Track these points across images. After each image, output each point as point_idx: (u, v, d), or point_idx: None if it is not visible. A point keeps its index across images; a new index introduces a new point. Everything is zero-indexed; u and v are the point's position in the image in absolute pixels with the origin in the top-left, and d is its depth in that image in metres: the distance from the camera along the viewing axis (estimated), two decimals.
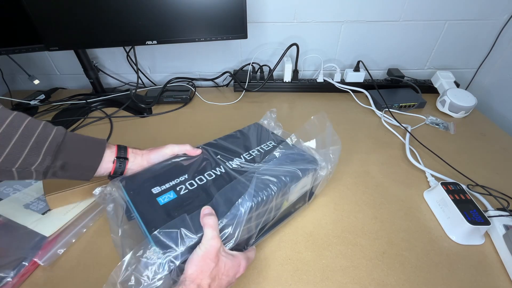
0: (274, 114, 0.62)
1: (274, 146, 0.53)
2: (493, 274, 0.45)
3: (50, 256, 0.46)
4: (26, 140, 0.36)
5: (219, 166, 0.47)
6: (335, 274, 0.44)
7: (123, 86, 0.99)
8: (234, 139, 0.55)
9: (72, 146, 0.40)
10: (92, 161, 0.41)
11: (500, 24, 0.86)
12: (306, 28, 0.88)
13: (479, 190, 0.57)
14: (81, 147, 0.41)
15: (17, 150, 0.35)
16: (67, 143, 0.39)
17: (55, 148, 0.37)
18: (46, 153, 0.37)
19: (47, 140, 0.37)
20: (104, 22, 0.71)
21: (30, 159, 0.36)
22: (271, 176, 0.44)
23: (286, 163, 0.48)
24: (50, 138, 0.37)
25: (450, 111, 0.82)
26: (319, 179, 0.51)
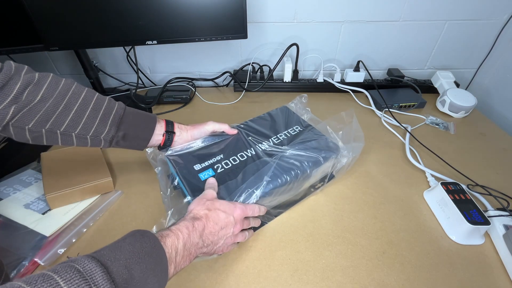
0: (305, 100, 0.66)
1: (300, 130, 0.58)
2: (493, 274, 0.45)
3: (51, 256, 0.45)
4: (96, 112, 0.43)
5: (250, 148, 0.54)
6: (335, 274, 0.44)
7: (123, 86, 0.99)
8: (264, 121, 0.62)
9: (130, 119, 0.47)
10: (146, 133, 0.48)
11: (500, 24, 0.86)
12: (306, 28, 0.88)
13: (479, 190, 0.57)
14: (137, 120, 0.48)
15: (91, 120, 0.43)
16: (126, 116, 0.46)
17: (118, 120, 0.45)
18: (112, 124, 0.44)
19: (112, 113, 0.44)
20: (104, 22, 0.71)
21: (100, 128, 0.43)
22: (295, 161, 0.50)
23: (311, 148, 0.53)
24: (114, 112, 0.45)
25: (450, 111, 0.82)
26: (340, 165, 0.55)
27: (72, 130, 0.42)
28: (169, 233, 0.35)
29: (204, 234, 0.38)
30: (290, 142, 0.55)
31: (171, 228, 0.36)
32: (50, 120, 0.40)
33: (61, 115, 0.41)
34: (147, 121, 0.49)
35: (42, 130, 0.40)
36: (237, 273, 0.45)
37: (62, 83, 0.42)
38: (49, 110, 0.40)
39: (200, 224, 0.38)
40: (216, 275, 0.44)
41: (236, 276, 0.44)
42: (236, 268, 0.45)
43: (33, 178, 0.59)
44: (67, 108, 0.41)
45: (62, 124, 0.41)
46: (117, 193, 0.57)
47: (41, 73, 0.41)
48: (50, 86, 0.40)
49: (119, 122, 0.45)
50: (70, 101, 0.41)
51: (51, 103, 0.40)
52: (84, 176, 0.56)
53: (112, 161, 0.66)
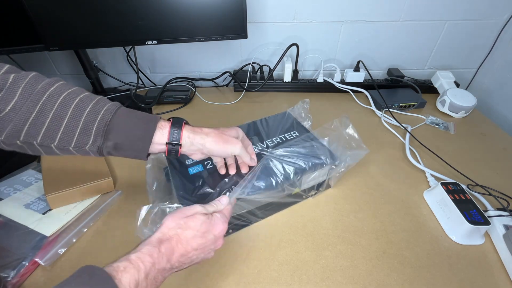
0: (307, 105, 0.64)
1: (297, 136, 0.57)
2: (493, 274, 0.45)
3: (51, 256, 0.45)
4: (76, 119, 0.35)
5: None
6: (335, 274, 0.44)
7: (123, 86, 0.99)
8: (262, 124, 0.61)
9: (121, 126, 0.37)
10: (141, 143, 0.38)
11: (500, 24, 0.86)
12: (306, 28, 0.88)
13: (479, 190, 0.57)
14: (130, 126, 0.38)
15: (70, 129, 0.35)
16: (116, 122, 0.37)
17: (103, 128, 0.36)
18: (96, 134, 0.36)
19: (96, 120, 0.36)
20: (104, 22, 0.71)
21: (83, 138, 0.36)
22: (281, 165, 0.49)
23: (302, 154, 0.51)
24: (99, 118, 0.36)
25: (450, 111, 0.82)
26: (334, 173, 0.54)
27: (49, 141, 0.35)
28: (127, 265, 0.30)
29: (173, 258, 0.34)
30: (283, 146, 0.53)
31: (130, 258, 0.31)
32: (23, 131, 0.34)
33: (34, 124, 0.34)
34: (143, 127, 0.39)
35: (16, 142, 0.34)
36: (237, 273, 0.45)
37: (41, 84, 0.35)
38: (21, 119, 0.33)
39: (168, 247, 0.33)
40: (217, 275, 0.44)
41: (236, 276, 0.44)
42: (236, 268, 0.45)
43: (33, 178, 0.59)
44: (41, 115, 0.34)
45: (37, 135, 0.34)
46: (117, 193, 0.57)
47: (19, 74, 0.35)
48: (25, 89, 0.33)
49: (105, 131, 0.36)
50: (44, 107, 0.34)
51: (23, 110, 0.33)
52: (84, 176, 0.56)
53: (112, 161, 0.66)
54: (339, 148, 0.54)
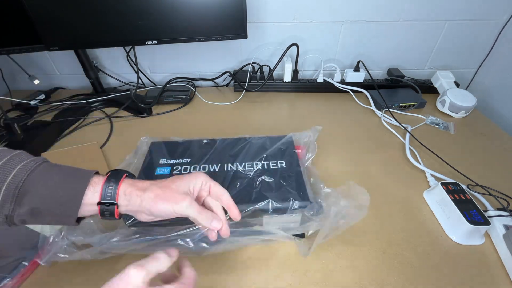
0: (317, 133, 0.59)
1: (282, 168, 0.51)
2: (493, 274, 0.45)
3: (51, 256, 0.45)
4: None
5: (217, 164, 0.52)
6: (335, 274, 0.44)
7: (123, 86, 0.99)
8: (249, 144, 0.57)
9: (39, 187, 0.30)
10: (67, 206, 0.31)
11: (500, 24, 0.86)
12: (306, 28, 0.88)
13: (479, 190, 0.57)
14: (50, 187, 0.31)
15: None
16: (33, 182, 0.30)
17: (13, 191, 0.29)
18: (4, 199, 0.29)
19: (5, 182, 0.29)
20: (104, 22, 0.71)
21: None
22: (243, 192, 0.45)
23: (275, 189, 0.46)
24: (9, 179, 0.29)
25: (450, 111, 0.82)
26: (311, 227, 0.45)
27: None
28: None
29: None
30: (261, 173, 0.49)
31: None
32: None
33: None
34: (70, 187, 0.32)
35: None
36: (237, 273, 0.45)
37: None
38: None
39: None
40: (216, 275, 0.44)
41: (236, 276, 0.44)
42: (236, 268, 0.45)
43: None
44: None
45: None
46: None
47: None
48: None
49: (16, 194, 0.29)
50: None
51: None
52: None
53: (112, 161, 0.66)
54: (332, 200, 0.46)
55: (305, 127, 0.63)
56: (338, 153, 0.68)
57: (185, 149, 0.55)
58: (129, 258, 0.46)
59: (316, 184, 0.53)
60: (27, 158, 0.32)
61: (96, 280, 0.43)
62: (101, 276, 0.44)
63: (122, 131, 0.77)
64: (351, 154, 0.68)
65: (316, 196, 0.50)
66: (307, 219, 0.47)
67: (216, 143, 0.57)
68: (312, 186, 0.52)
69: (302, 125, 0.78)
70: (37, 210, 0.30)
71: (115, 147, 0.71)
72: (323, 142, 0.65)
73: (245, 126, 0.78)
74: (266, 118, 0.82)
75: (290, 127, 0.78)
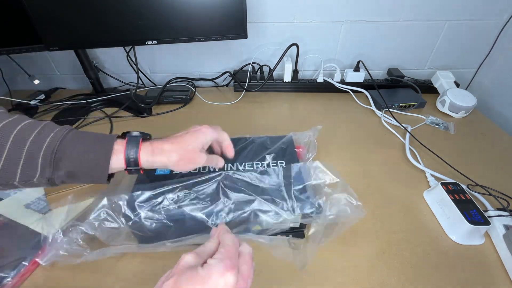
0: (317, 133, 0.59)
1: (281, 167, 0.50)
2: (493, 274, 0.45)
3: (51, 256, 0.45)
4: (18, 152, 0.32)
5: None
6: (335, 274, 0.44)
7: (123, 86, 0.99)
8: (251, 144, 0.56)
9: (71, 153, 0.34)
10: (97, 169, 0.36)
11: (500, 24, 0.86)
12: (306, 28, 0.88)
13: (479, 190, 0.57)
14: (81, 152, 0.35)
15: (11, 164, 0.32)
16: (65, 149, 0.34)
17: (50, 157, 0.33)
18: (43, 165, 0.33)
19: (41, 149, 0.33)
20: (104, 22, 0.71)
21: (28, 172, 0.33)
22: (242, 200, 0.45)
23: (274, 191, 0.46)
24: (44, 147, 0.33)
25: (450, 111, 0.82)
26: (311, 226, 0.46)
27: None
28: None
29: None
30: (260, 173, 0.49)
31: None
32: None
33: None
34: (98, 151, 0.36)
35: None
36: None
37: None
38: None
39: None
40: None
41: None
42: None
43: None
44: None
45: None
46: None
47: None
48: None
49: (53, 160, 0.33)
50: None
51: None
52: None
53: None
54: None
55: (305, 127, 0.63)
56: (338, 153, 0.68)
57: None
58: (129, 258, 0.46)
59: (318, 184, 0.53)
60: (56, 127, 0.36)
61: (96, 280, 0.43)
62: (101, 276, 0.44)
63: (122, 131, 0.77)
64: (351, 154, 0.68)
65: (317, 195, 0.50)
66: (307, 219, 0.47)
67: None
68: (312, 186, 0.51)
69: (302, 125, 0.79)
70: (73, 173, 0.35)
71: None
72: (323, 142, 0.65)
73: (245, 126, 0.78)
74: (266, 118, 0.82)
75: (290, 127, 0.78)
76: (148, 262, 0.46)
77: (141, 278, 0.44)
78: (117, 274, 0.44)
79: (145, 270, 0.45)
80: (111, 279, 0.44)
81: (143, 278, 0.44)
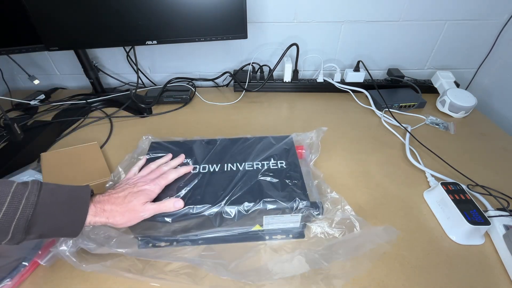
0: (322, 134, 0.59)
1: (282, 168, 0.51)
2: (493, 274, 0.45)
3: (51, 256, 0.45)
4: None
5: (217, 164, 0.52)
6: (335, 274, 0.44)
7: (123, 86, 0.99)
8: (250, 143, 0.56)
9: (44, 220, 0.35)
10: (73, 227, 0.37)
11: (500, 24, 0.86)
12: (306, 28, 0.88)
13: (479, 190, 0.57)
14: (55, 216, 0.36)
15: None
16: (38, 216, 0.34)
17: (23, 225, 0.34)
18: (15, 232, 0.33)
19: (15, 218, 0.33)
20: (104, 22, 0.71)
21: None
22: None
23: (275, 189, 0.46)
24: (18, 215, 0.33)
25: (450, 111, 0.82)
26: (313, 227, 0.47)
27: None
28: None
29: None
30: (260, 173, 0.49)
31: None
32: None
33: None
34: (73, 213, 0.37)
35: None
36: (237, 274, 0.45)
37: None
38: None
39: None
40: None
41: (234, 267, 0.44)
42: (236, 269, 0.45)
43: (33, 178, 0.59)
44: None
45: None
46: None
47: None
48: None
49: (26, 227, 0.34)
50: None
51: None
52: (84, 176, 0.56)
53: (112, 161, 0.66)
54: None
55: (305, 127, 0.63)
56: (338, 153, 0.68)
57: (185, 149, 0.55)
58: (130, 259, 0.46)
59: (320, 185, 0.54)
60: (25, 190, 0.35)
61: (96, 280, 0.43)
62: (102, 276, 0.44)
63: (122, 131, 0.77)
64: (351, 154, 0.68)
65: (320, 196, 0.50)
66: (307, 219, 0.47)
67: (217, 143, 0.57)
68: (314, 187, 0.51)
69: (302, 125, 0.79)
70: (44, 235, 0.36)
71: (115, 147, 0.71)
72: (323, 142, 0.65)
73: (245, 126, 0.78)
74: (266, 118, 0.82)
75: (290, 127, 0.78)
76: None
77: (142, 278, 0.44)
78: (117, 274, 0.44)
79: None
80: (111, 278, 0.44)
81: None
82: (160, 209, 0.43)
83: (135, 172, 0.49)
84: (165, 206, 0.43)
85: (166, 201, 0.44)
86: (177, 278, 0.43)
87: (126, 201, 0.41)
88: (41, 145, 0.70)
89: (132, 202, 0.41)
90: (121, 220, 0.40)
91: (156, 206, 0.42)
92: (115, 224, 0.40)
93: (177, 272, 0.44)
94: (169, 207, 0.43)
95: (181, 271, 0.44)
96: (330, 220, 0.48)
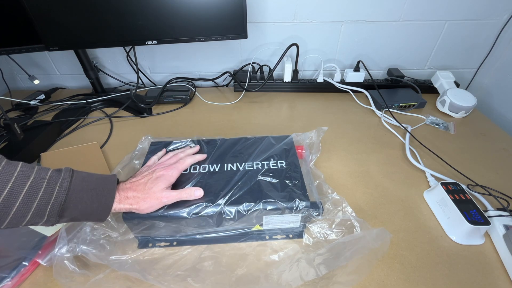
0: (322, 134, 0.60)
1: (282, 168, 0.51)
2: (493, 274, 0.45)
3: (51, 256, 0.45)
4: (30, 203, 0.34)
5: (217, 164, 0.52)
6: (336, 275, 0.44)
7: (123, 86, 0.99)
8: (251, 144, 0.56)
9: (76, 205, 0.38)
10: (101, 212, 0.40)
11: (500, 24, 0.86)
12: (306, 28, 0.88)
13: (479, 190, 0.57)
14: (85, 202, 0.38)
15: (22, 212, 0.34)
16: (70, 201, 0.37)
17: (57, 209, 0.36)
18: (50, 215, 0.36)
19: (50, 202, 0.36)
20: (104, 22, 0.71)
21: (35, 219, 0.36)
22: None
23: (275, 189, 0.46)
24: (52, 200, 0.36)
25: (450, 111, 0.82)
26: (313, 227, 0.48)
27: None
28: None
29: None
30: (260, 173, 0.49)
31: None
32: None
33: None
34: (101, 200, 0.40)
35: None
36: (237, 275, 0.45)
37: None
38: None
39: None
40: (219, 274, 0.44)
41: (236, 277, 0.44)
42: (236, 270, 0.45)
43: None
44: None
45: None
46: None
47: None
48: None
49: (59, 211, 0.36)
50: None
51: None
52: None
53: (112, 161, 0.66)
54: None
55: (305, 127, 0.63)
56: (338, 153, 0.68)
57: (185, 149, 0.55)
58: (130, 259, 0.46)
59: (320, 185, 0.54)
60: (58, 177, 0.37)
61: (96, 280, 0.43)
62: (102, 276, 0.44)
63: (122, 131, 0.77)
64: (351, 154, 0.68)
65: (321, 197, 0.50)
66: (307, 219, 0.47)
67: (217, 143, 0.57)
68: (314, 187, 0.51)
69: (302, 125, 0.79)
70: (75, 218, 0.39)
71: (115, 147, 0.71)
72: (323, 142, 0.65)
73: (245, 126, 0.78)
74: (266, 118, 0.82)
75: (290, 127, 0.78)
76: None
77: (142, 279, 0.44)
78: (117, 274, 0.44)
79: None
80: (111, 279, 0.44)
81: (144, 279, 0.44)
82: (181, 196, 0.44)
83: (155, 160, 0.51)
84: (186, 193, 0.45)
85: (187, 189, 0.45)
86: (177, 278, 0.43)
87: (147, 188, 0.43)
88: (41, 145, 0.70)
89: (153, 189, 0.43)
90: (143, 206, 0.42)
91: (177, 194, 0.44)
92: (138, 210, 0.42)
93: (177, 272, 0.43)
94: (190, 195, 0.45)
95: (181, 272, 0.44)
96: (330, 221, 0.48)
